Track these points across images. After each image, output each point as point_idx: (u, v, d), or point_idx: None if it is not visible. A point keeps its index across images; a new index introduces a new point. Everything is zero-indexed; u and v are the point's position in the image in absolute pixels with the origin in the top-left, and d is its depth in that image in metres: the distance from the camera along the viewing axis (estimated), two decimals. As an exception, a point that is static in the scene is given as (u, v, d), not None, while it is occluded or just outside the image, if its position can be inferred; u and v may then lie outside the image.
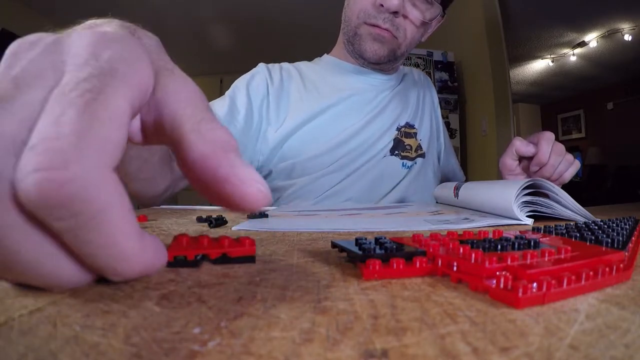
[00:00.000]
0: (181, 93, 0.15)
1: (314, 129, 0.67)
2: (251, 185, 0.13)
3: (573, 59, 3.59)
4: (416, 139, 0.75)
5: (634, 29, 2.96)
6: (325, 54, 0.80)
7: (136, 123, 0.15)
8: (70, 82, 0.12)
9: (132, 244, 0.12)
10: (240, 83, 0.70)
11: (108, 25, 0.16)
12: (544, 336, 0.10)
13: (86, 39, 0.13)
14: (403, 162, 0.71)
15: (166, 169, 0.49)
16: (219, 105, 0.65)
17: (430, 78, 2.34)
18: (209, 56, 3.74)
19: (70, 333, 0.10)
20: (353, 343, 0.10)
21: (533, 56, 3.68)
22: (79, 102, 0.11)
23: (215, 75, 4.01)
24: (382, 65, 0.72)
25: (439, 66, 2.39)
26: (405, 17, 0.65)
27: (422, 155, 0.75)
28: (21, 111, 0.11)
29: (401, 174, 0.71)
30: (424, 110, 0.80)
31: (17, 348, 0.09)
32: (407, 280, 0.15)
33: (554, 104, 5.02)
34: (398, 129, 0.73)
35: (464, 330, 0.10)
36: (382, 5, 0.63)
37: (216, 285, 0.15)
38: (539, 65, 3.91)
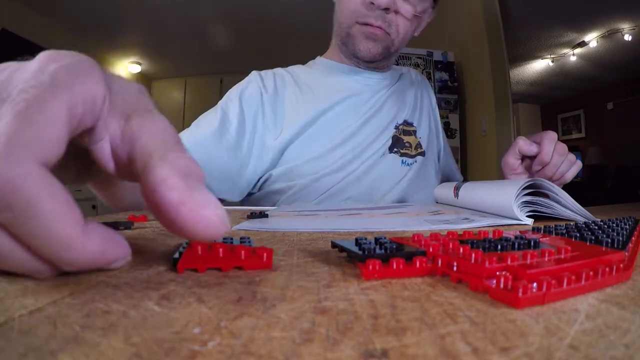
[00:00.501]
0: (154, 128, 0.16)
1: (313, 133, 0.67)
2: (208, 209, 0.13)
3: (573, 59, 3.59)
4: (415, 137, 0.75)
5: (634, 29, 2.96)
6: (319, 57, 0.80)
7: (107, 149, 0.16)
8: (14, 94, 0.13)
9: (70, 232, 0.13)
10: (232, 94, 0.69)
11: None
12: (544, 336, 0.10)
13: (39, 58, 0.15)
14: (403, 160, 0.71)
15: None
16: (211, 117, 0.65)
17: (430, 78, 2.36)
18: (209, 56, 3.74)
19: (70, 333, 0.10)
20: (353, 343, 0.10)
21: (533, 56, 3.68)
22: (16, 108, 0.12)
23: (215, 75, 4.01)
24: (376, 63, 0.72)
25: (439, 66, 2.39)
26: (396, 12, 0.65)
27: (422, 154, 0.75)
28: None
29: (401, 173, 0.71)
30: (422, 109, 0.80)
31: (17, 348, 0.09)
32: (407, 280, 0.15)
33: (554, 104, 5.02)
34: (396, 127, 0.73)
35: (464, 330, 0.10)
36: (372, 3, 0.63)
37: (216, 285, 0.15)
38: (539, 65, 3.91)
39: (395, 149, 0.71)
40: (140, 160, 0.15)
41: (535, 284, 0.12)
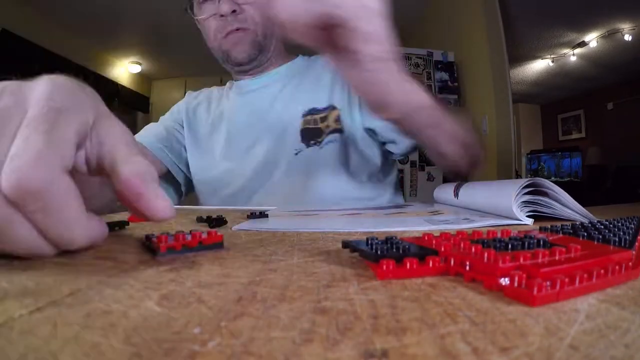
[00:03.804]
0: (116, 134, 0.21)
1: (216, 147, 0.73)
2: (159, 200, 0.20)
3: (573, 59, 3.59)
4: (330, 119, 0.68)
5: (634, 29, 2.96)
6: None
7: (82, 157, 0.20)
8: (35, 114, 0.17)
9: (80, 219, 0.18)
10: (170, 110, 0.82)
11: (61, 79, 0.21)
12: (544, 336, 0.10)
13: (45, 85, 0.19)
14: (320, 146, 0.67)
15: (105, 190, 0.50)
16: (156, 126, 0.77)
17: (431, 78, 2.36)
18: (209, 56, 3.73)
19: (70, 333, 0.10)
20: (353, 343, 0.10)
21: (533, 56, 3.68)
22: (41, 128, 0.17)
23: (215, 75, 3.99)
24: (258, 63, 0.72)
25: (439, 66, 2.39)
26: (241, 7, 0.65)
27: (339, 130, 0.67)
28: (3, 141, 0.17)
29: (326, 160, 0.66)
30: (337, 85, 0.72)
31: (17, 348, 0.09)
32: (407, 280, 0.15)
33: (554, 104, 5.02)
34: (303, 117, 0.68)
35: (464, 330, 0.10)
36: (222, 16, 0.65)
37: (216, 285, 0.15)
38: (539, 65, 3.91)
39: (312, 141, 0.67)
40: (108, 163, 0.20)
41: (549, 282, 0.13)
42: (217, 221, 0.34)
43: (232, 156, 0.71)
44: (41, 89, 0.19)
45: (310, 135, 0.68)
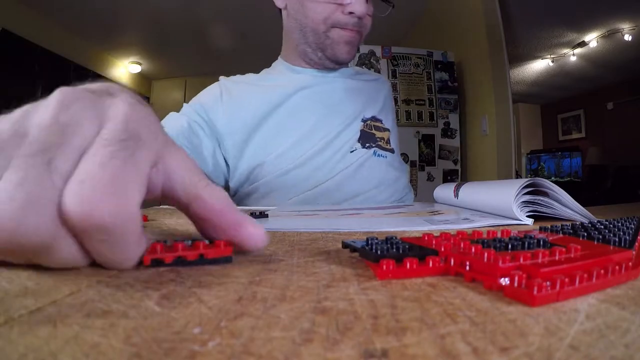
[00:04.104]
0: (184, 163, 0.19)
1: (270, 130, 0.68)
2: (258, 228, 0.19)
3: (573, 59, 3.59)
4: (385, 133, 0.76)
5: (634, 29, 2.95)
6: (278, 59, 0.80)
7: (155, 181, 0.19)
8: (113, 136, 0.15)
9: (138, 252, 0.16)
10: (193, 99, 0.73)
11: (124, 94, 0.20)
12: (544, 336, 0.10)
13: (123, 105, 0.17)
14: (374, 151, 0.72)
15: None
16: (176, 118, 0.67)
17: (431, 78, 2.36)
18: (209, 56, 3.73)
19: (70, 333, 0.10)
20: (353, 343, 0.10)
21: (533, 56, 3.68)
22: (121, 155, 0.15)
23: (215, 75, 4.00)
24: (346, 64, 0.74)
25: (439, 66, 2.38)
26: (367, 13, 0.68)
27: (392, 151, 0.76)
28: (69, 152, 0.15)
29: (376, 166, 0.71)
30: (389, 111, 0.81)
31: (17, 348, 0.09)
32: (407, 280, 0.15)
33: (554, 104, 5.02)
34: (364, 121, 0.73)
35: (464, 330, 0.10)
36: (350, 13, 0.65)
37: (216, 285, 0.15)
38: (539, 65, 3.91)
39: (367, 144, 0.71)
40: (184, 193, 0.19)
41: (549, 282, 0.13)
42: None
43: (298, 133, 0.69)
44: (120, 109, 0.17)
45: (366, 138, 0.72)
